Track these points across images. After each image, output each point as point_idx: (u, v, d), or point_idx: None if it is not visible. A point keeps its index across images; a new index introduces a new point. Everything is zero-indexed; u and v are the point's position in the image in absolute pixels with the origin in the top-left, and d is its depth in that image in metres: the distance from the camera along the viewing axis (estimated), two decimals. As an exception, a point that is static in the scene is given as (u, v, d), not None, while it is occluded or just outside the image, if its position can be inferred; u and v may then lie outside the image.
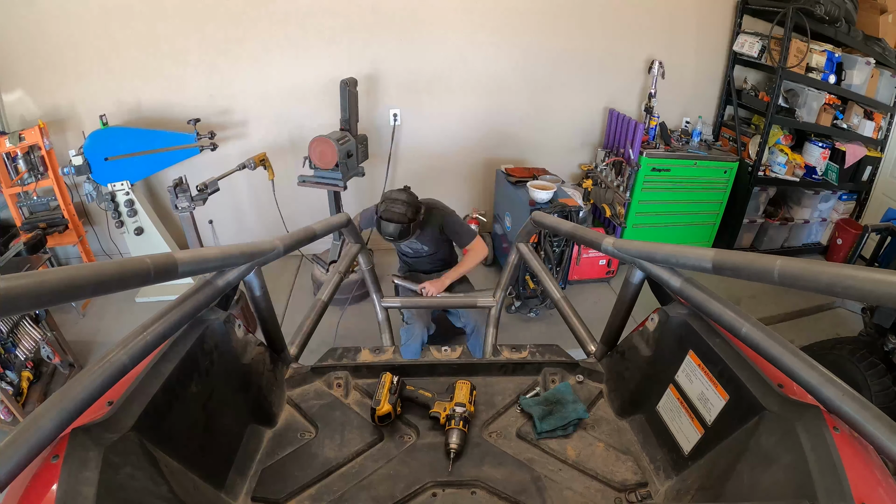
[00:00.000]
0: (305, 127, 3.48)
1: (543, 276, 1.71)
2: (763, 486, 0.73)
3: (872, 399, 1.96)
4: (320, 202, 3.31)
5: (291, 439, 1.08)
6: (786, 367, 0.77)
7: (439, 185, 3.84)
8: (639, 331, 1.16)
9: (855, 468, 0.67)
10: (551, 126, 3.86)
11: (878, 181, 3.88)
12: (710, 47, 3.78)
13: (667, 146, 3.49)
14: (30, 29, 3.05)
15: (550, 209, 2.99)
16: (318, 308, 1.54)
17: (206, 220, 3.24)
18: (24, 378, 2.40)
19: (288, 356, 1.29)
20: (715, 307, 0.91)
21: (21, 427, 0.60)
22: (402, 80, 3.54)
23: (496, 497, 0.97)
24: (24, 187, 3.08)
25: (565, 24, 3.52)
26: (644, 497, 0.96)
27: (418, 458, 1.04)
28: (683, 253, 0.95)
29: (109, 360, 0.73)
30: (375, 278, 2.00)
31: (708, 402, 0.92)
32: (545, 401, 1.16)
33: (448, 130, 3.76)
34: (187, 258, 0.83)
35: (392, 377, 1.13)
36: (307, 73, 3.42)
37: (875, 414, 0.67)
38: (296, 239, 1.28)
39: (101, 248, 3.70)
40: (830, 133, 3.68)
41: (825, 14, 3.19)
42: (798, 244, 4.13)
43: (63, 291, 0.60)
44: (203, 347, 0.96)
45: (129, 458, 0.71)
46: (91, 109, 3.19)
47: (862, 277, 0.60)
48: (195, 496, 0.81)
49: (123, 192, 3.10)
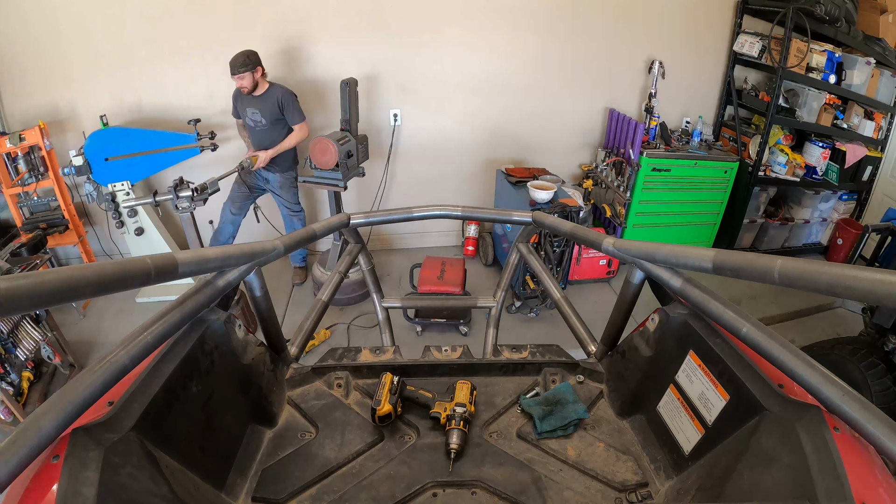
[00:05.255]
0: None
1: (544, 277, 1.71)
2: (763, 487, 0.73)
3: (873, 399, 1.96)
4: (320, 202, 3.31)
5: (292, 439, 1.08)
6: (786, 368, 0.77)
7: (439, 185, 3.84)
8: (639, 331, 1.15)
9: (855, 468, 0.67)
10: (552, 126, 3.86)
11: (879, 181, 3.88)
12: (711, 47, 3.78)
13: (667, 146, 3.49)
14: (30, 29, 3.05)
15: (551, 209, 2.99)
16: (319, 308, 1.54)
17: (206, 220, 3.24)
18: (25, 378, 2.41)
19: (288, 356, 1.29)
20: (715, 307, 0.91)
21: (21, 427, 0.60)
22: (403, 80, 3.54)
23: (496, 497, 0.96)
24: (24, 188, 3.09)
25: (566, 25, 3.52)
26: (644, 497, 0.96)
27: (419, 458, 1.04)
28: (684, 253, 0.95)
29: (110, 361, 0.73)
30: (375, 278, 2.00)
31: (708, 402, 0.92)
32: (545, 401, 1.16)
33: (448, 130, 3.76)
34: (188, 258, 0.83)
35: (392, 377, 1.13)
36: (307, 73, 3.42)
37: (875, 414, 0.67)
38: (296, 239, 1.28)
39: (101, 249, 3.70)
40: (831, 133, 3.68)
41: (825, 14, 3.19)
42: (798, 244, 4.13)
43: (63, 292, 0.60)
44: (203, 348, 0.96)
45: (130, 459, 0.71)
46: (91, 110, 3.19)
47: (862, 277, 0.60)
48: (195, 496, 0.81)
49: (124, 192, 3.10)
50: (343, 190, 3.01)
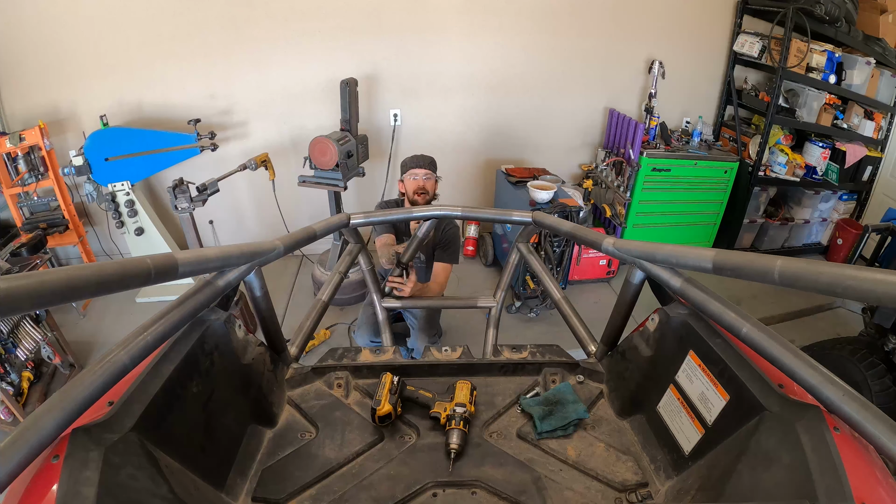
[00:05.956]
0: (306, 127, 3.49)
1: (544, 277, 1.71)
2: (763, 487, 0.73)
3: (873, 399, 1.95)
4: (320, 202, 3.31)
5: (292, 439, 1.08)
6: (786, 368, 0.77)
7: (439, 185, 3.83)
8: (639, 331, 1.15)
9: (855, 468, 0.67)
10: (552, 126, 3.86)
11: (879, 181, 3.88)
12: (711, 47, 3.78)
13: (667, 146, 3.49)
14: (30, 29, 3.05)
15: (551, 209, 2.99)
16: (319, 308, 1.54)
17: (206, 220, 3.24)
18: (25, 378, 2.41)
19: (288, 356, 1.29)
20: (715, 307, 0.91)
21: (21, 427, 0.60)
22: (403, 80, 3.54)
23: (496, 497, 0.96)
24: (24, 188, 3.08)
25: (566, 25, 3.52)
26: (644, 497, 0.96)
27: (419, 458, 1.04)
28: (684, 253, 0.95)
29: (110, 361, 0.73)
30: (376, 278, 2.00)
31: (708, 402, 0.92)
32: (545, 401, 1.16)
33: (448, 130, 3.76)
34: (188, 258, 0.82)
35: (392, 377, 1.13)
36: (307, 73, 3.42)
37: (875, 414, 0.67)
38: (296, 239, 1.28)
39: (101, 249, 3.70)
40: (831, 133, 3.68)
41: (825, 14, 3.19)
42: (798, 244, 4.13)
43: (64, 292, 0.59)
44: (203, 348, 0.96)
45: (130, 459, 0.71)
46: (91, 110, 3.19)
47: (862, 277, 0.60)
48: (195, 496, 0.81)
49: (124, 192, 3.10)
50: (343, 190, 3.01)
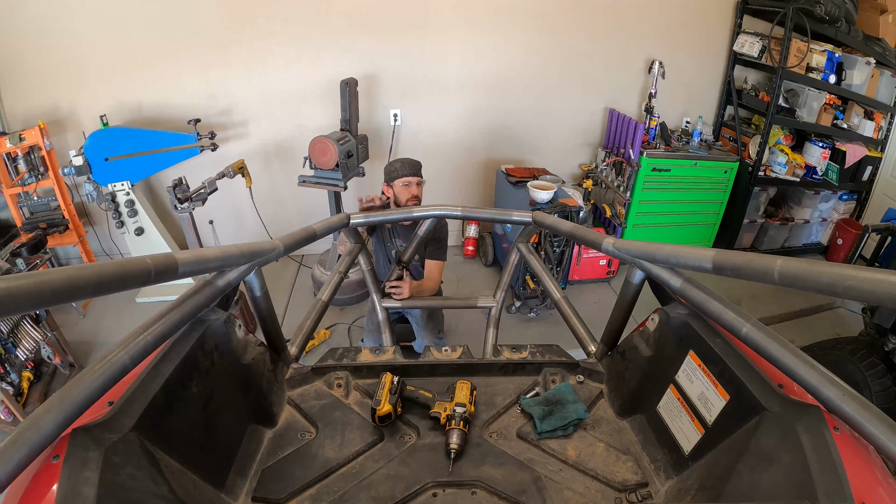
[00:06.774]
0: (306, 127, 3.48)
1: (544, 277, 1.71)
2: (763, 487, 0.73)
3: (873, 399, 1.95)
4: (320, 202, 3.32)
5: (292, 439, 1.08)
6: (786, 368, 0.77)
7: (439, 186, 3.84)
8: (639, 331, 1.15)
9: (855, 468, 0.67)
10: (551, 126, 3.86)
11: (879, 181, 3.88)
12: (710, 47, 3.78)
13: (667, 146, 3.49)
14: (30, 29, 3.05)
15: (551, 209, 2.99)
16: (319, 308, 1.54)
17: (206, 220, 3.24)
18: (25, 378, 2.40)
19: (288, 356, 1.29)
20: (715, 307, 0.91)
21: (21, 427, 0.60)
22: (403, 80, 3.54)
23: (496, 497, 0.96)
24: (24, 188, 3.08)
25: (566, 25, 3.52)
26: (644, 497, 0.96)
27: (419, 458, 1.04)
28: (683, 253, 0.95)
29: (110, 361, 0.73)
30: (376, 278, 2.00)
31: (708, 402, 0.92)
32: (545, 401, 1.16)
33: (448, 130, 3.76)
34: (188, 258, 0.82)
35: (392, 377, 1.13)
36: (307, 73, 3.42)
37: (875, 414, 0.67)
38: (296, 239, 1.28)
39: (101, 249, 3.70)
40: (831, 133, 3.68)
41: (825, 14, 3.19)
42: (798, 244, 4.13)
43: (64, 291, 0.59)
44: (203, 348, 0.96)
45: (130, 459, 0.71)
46: (91, 109, 3.19)
47: (862, 277, 0.60)
48: (195, 496, 0.81)
49: (124, 192, 3.10)
50: (343, 190, 3.01)
